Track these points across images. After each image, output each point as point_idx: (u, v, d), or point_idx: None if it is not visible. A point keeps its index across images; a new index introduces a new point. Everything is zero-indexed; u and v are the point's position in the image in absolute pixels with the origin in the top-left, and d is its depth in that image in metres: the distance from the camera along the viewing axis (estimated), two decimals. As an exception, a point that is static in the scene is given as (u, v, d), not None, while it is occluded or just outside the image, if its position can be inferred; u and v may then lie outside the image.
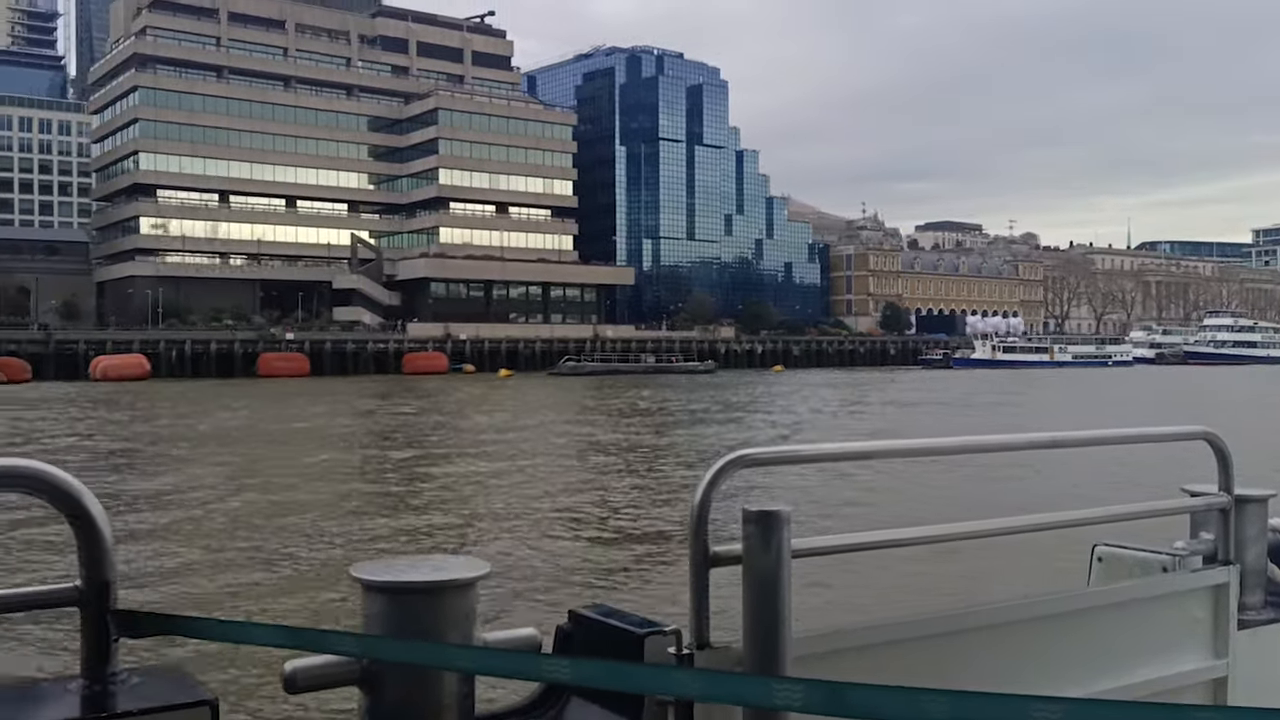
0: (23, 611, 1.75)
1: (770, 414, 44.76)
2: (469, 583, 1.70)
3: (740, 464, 2.27)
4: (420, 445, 30.28)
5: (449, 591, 1.67)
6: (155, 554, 14.33)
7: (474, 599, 1.72)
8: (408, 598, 1.66)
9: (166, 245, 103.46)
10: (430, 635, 1.64)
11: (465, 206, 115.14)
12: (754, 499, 3.01)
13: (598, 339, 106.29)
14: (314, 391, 61.18)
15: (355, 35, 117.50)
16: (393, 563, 1.75)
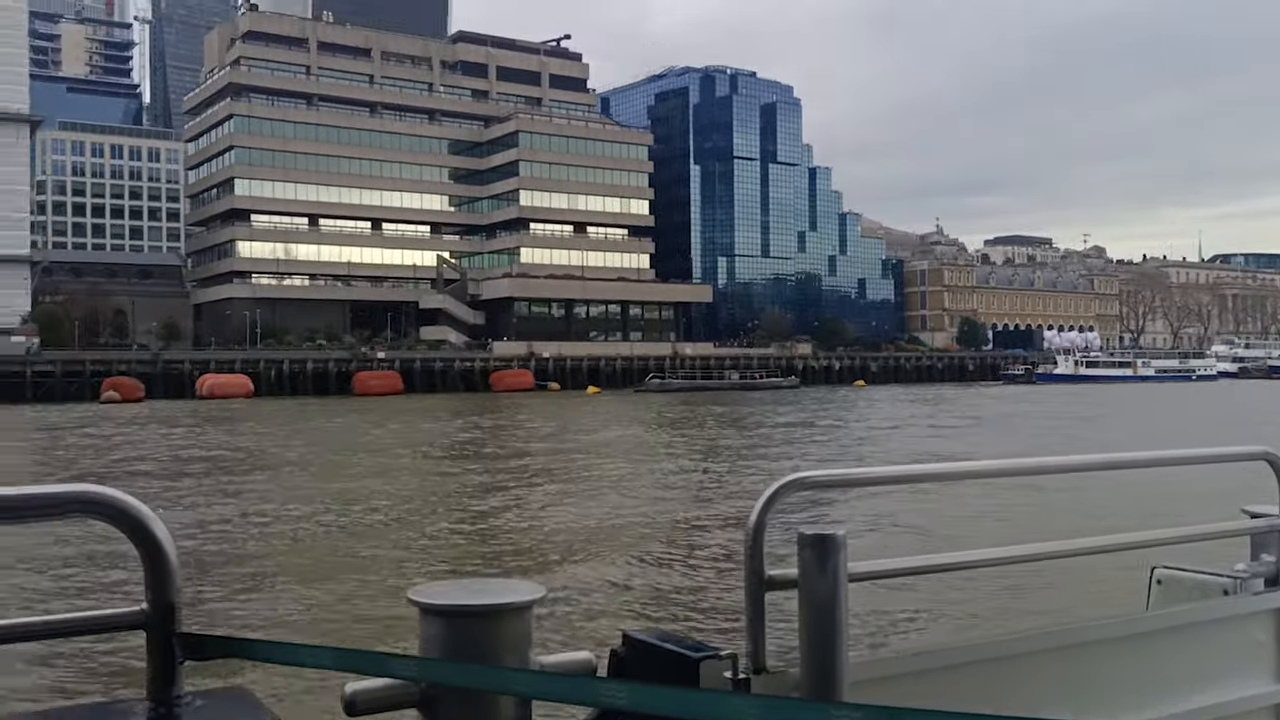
0: (91, 635, 1.81)
1: (879, 429, 45.16)
2: (525, 606, 1.71)
3: (796, 487, 2.31)
4: (564, 454, 31.36)
5: (505, 615, 1.69)
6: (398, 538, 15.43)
7: (530, 622, 1.72)
8: (464, 621, 1.68)
9: (261, 268, 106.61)
10: (486, 658, 1.65)
11: (544, 227, 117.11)
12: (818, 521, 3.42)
13: (676, 356, 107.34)
14: (421, 408, 62.79)
15: (437, 61, 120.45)
16: (449, 586, 1.77)
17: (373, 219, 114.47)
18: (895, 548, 14.84)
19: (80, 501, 1.68)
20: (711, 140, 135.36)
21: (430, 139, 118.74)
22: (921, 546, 15.27)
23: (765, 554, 2.22)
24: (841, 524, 2.33)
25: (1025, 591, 11.48)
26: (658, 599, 12.88)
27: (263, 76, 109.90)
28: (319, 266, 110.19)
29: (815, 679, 2.07)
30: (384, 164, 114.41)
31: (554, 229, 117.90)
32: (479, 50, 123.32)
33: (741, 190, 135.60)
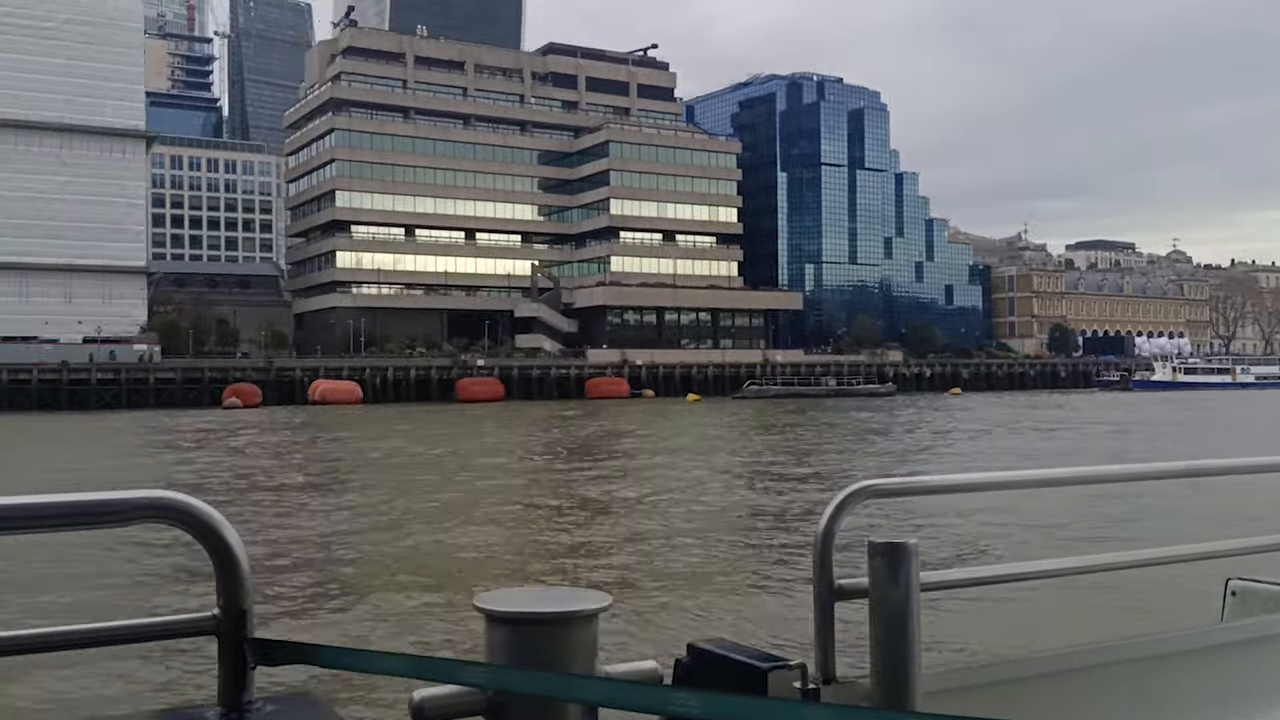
0: (163, 640, 1.83)
1: (991, 433, 45.06)
2: (592, 614, 1.71)
3: (864, 495, 2.31)
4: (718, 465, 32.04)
5: (573, 623, 1.69)
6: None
7: (596, 631, 1.73)
8: (531, 629, 1.69)
9: (360, 278, 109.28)
10: (553, 667, 1.66)
11: (634, 235, 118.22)
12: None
13: (767, 363, 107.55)
14: (539, 414, 63.92)
15: (528, 73, 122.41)
16: (516, 593, 1.79)
17: (466, 229, 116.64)
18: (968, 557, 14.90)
19: (153, 507, 1.70)
20: (798, 147, 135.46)
21: (522, 150, 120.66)
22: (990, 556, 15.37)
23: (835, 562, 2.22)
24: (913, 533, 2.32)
25: (1095, 601, 11.18)
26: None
27: (362, 91, 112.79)
28: (415, 276, 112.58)
29: (886, 689, 2.06)
30: (477, 175, 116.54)
31: (643, 237, 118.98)
32: (569, 61, 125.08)
33: (829, 197, 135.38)
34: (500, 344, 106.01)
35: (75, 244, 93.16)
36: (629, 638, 10.43)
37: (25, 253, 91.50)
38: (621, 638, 10.23)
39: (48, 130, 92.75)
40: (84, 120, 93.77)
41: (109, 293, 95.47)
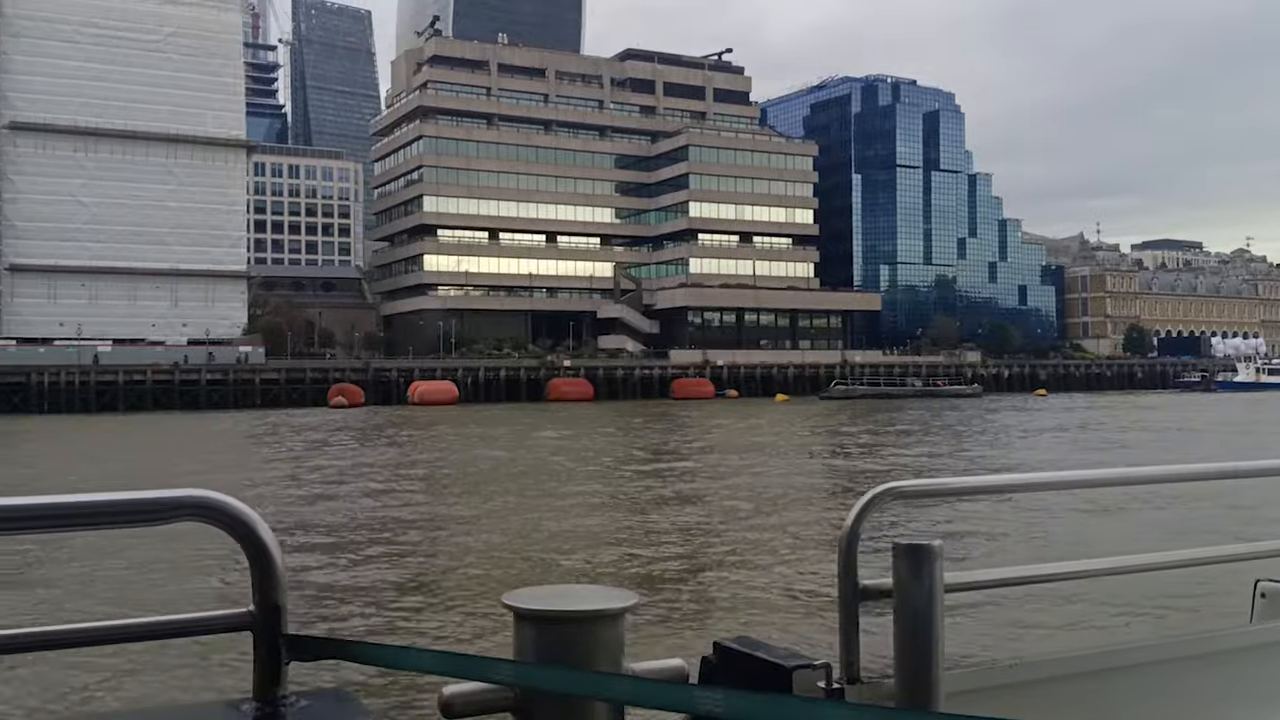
0: (199, 635, 1.87)
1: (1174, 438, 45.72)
2: (618, 613, 1.73)
3: (889, 497, 2.33)
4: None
5: (599, 621, 1.71)
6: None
7: (623, 629, 1.75)
8: (559, 627, 1.70)
9: (446, 280, 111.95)
10: (580, 664, 1.68)
11: (712, 237, 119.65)
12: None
13: (846, 364, 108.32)
14: (636, 415, 65.53)
15: (607, 78, 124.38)
16: (543, 591, 1.80)
17: (547, 232, 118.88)
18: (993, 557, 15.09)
19: (190, 506, 1.74)
20: (873, 149, 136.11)
21: (601, 154, 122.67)
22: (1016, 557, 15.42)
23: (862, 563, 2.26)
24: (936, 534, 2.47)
25: (1122, 602, 11.07)
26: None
27: (448, 99, 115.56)
28: (499, 278, 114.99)
29: (910, 690, 2.08)
30: (558, 179, 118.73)
31: (721, 239, 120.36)
32: (646, 67, 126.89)
33: (904, 198, 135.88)
34: (583, 344, 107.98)
35: (180, 249, 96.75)
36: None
37: (134, 258, 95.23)
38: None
39: (155, 140, 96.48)
40: (188, 130, 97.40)
41: (211, 296, 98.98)
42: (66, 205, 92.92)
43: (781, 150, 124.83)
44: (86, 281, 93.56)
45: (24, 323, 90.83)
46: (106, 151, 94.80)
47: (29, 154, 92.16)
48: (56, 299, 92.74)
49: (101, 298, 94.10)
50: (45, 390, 79.49)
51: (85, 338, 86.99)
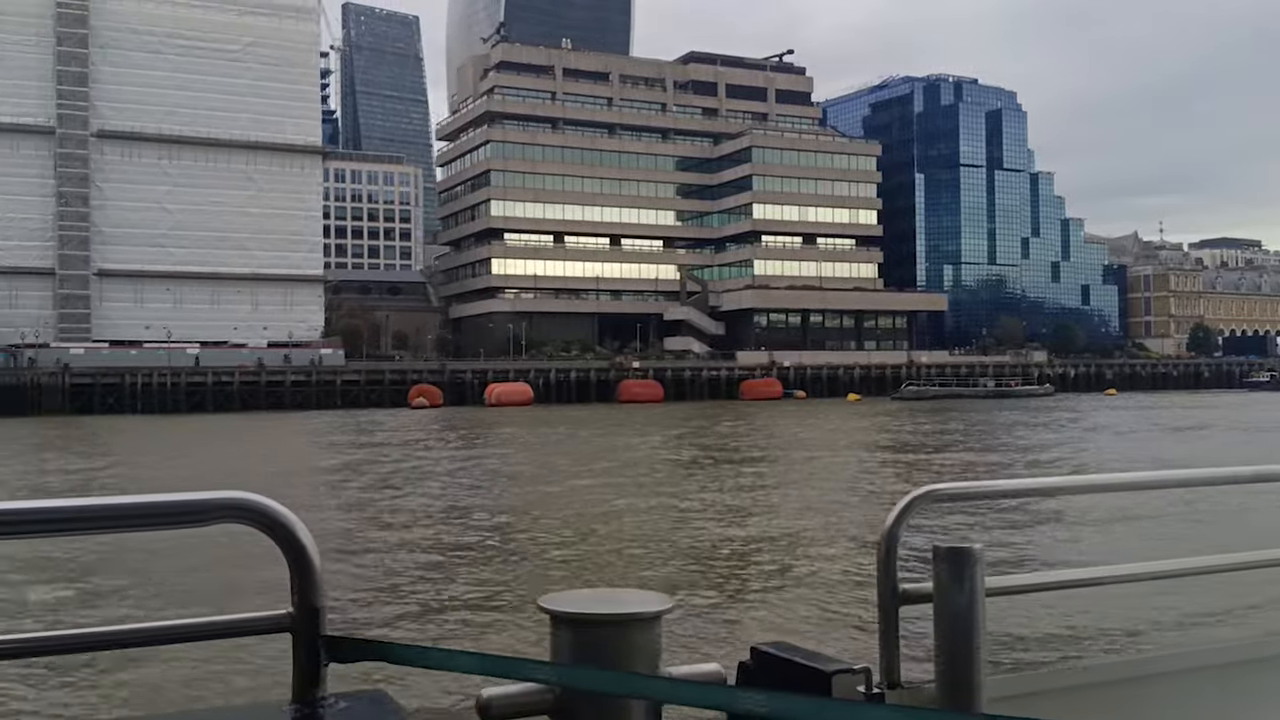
0: (239, 637, 1.87)
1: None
2: (654, 616, 1.73)
3: (928, 499, 2.32)
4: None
5: (636, 625, 1.71)
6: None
7: (659, 633, 1.74)
8: (596, 630, 1.70)
9: (512, 284, 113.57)
10: (617, 667, 1.67)
11: (775, 239, 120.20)
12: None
13: (912, 364, 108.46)
14: (715, 415, 66.43)
15: (670, 81, 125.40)
16: (579, 595, 1.80)
17: (611, 235, 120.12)
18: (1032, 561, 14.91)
19: (231, 508, 1.76)
20: (936, 148, 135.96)
21: (663, 157, 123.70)
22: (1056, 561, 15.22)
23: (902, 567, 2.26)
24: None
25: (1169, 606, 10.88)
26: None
27: (515, 104, 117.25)
28: (564, 281, 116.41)
29: (952, 694, 2.06)
30: (622, 182, 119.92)
31: (784, 241, 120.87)
32: (709, 69, 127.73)
33: (967, 198, 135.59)
34: (650, 347, 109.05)
35: (260, 254, 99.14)
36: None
37: (216, 263, 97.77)
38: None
39: (235, 148, 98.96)
40: (267, 137, 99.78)
41: (290, 300, 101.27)
42: (152, 212, 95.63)
43: (845, 150, 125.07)
44: (171, 286, 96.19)
45: (113, 326, 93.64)
46: (190, 159, 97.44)
47: (116, 162, 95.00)
48: (143, 303, 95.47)
49: (186, 302, 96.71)
50: (139, 391, 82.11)
51: (174, 340, 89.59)
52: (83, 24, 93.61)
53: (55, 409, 77.65)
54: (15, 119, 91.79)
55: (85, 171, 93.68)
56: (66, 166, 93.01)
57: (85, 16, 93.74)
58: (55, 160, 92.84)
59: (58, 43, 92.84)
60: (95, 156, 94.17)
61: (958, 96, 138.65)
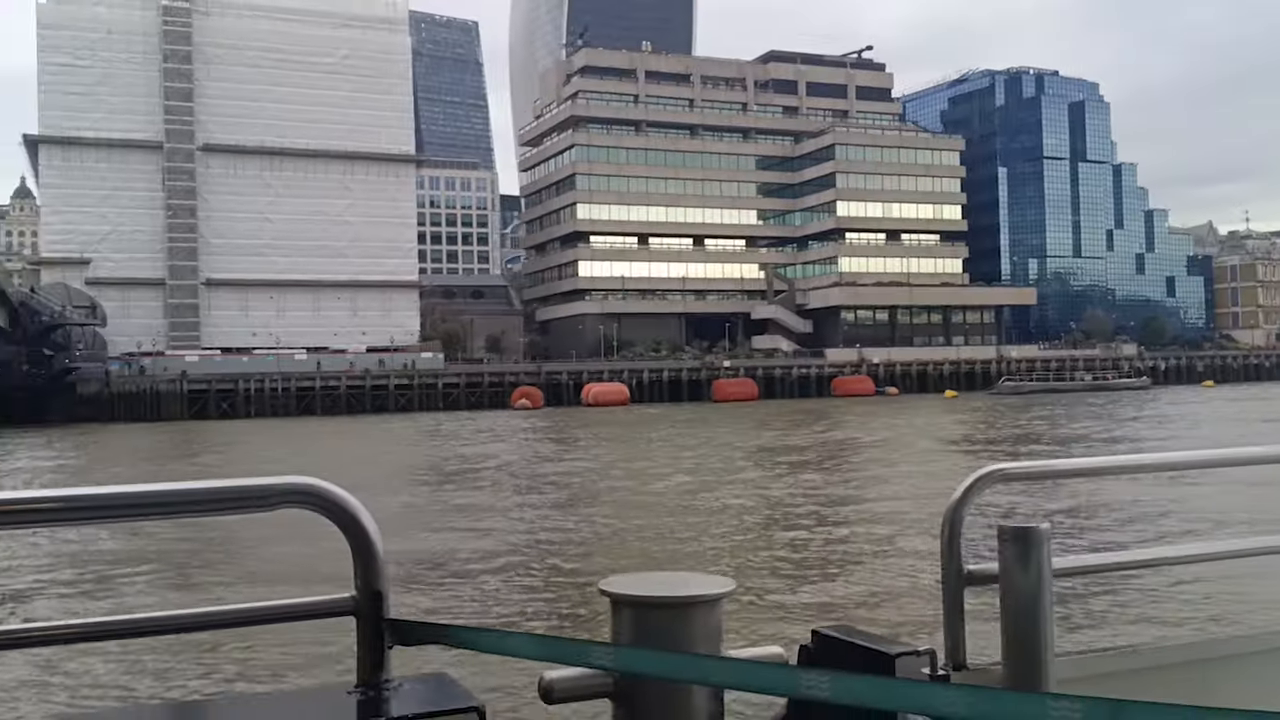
0: (304, 620, 1.90)
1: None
2: (716, 599, 1.73)
3: (993, 479, 2.29)
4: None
5: (698, 607, 1.71)
6: None
7: (721, 616, 1.74)
8: (657, 613, 1.71)
9: (599, 285, 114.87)
10: (678, 650, 1.67)
11: (859, 236, 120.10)
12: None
13: (1001, 359, 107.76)
14: (824, 411, 66.83)
15: (751, 81, 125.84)
16: (641, 578, 1.81)
17: (694, 235, 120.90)
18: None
19: (295, 493, 1.81)
20: (1018, 141, 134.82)
21: (745, 156, 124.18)
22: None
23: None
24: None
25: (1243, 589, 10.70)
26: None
27: (599, 107, 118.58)
28: (650, 282, 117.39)
29: (1018, 676, 2.05)
30: (705, 183, 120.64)
31: (869, 237, 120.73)
32: (789, 68, 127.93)
33: (1051, 190, 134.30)
34: (738, 346, 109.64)
35: (358, 261, 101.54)
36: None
37: (316, 271, 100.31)
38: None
39: (332, 158, 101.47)
40: (363, 147, 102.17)
41: (388, 305, 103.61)
42: (255, 222, 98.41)
43: (928, 146, 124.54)
44: (274, 294, 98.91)
45: (220, 333, 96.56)
46: (290, 170, 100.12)
47: (220, 175, 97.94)
48: (248, 311, 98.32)
49: (288, 309, 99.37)
50: (251, 396, 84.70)
51: (283, 347, 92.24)
52: (186, 41, 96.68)
53: (174, 415, 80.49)
54: (126, 134, 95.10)
55: (192, 184, 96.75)
56: (174, 180, 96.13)
57: (189, 34, 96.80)
58: (164, 174, 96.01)
59: (164, 60, 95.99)
60: (201, 170, 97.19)
61: (1039, 89, 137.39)
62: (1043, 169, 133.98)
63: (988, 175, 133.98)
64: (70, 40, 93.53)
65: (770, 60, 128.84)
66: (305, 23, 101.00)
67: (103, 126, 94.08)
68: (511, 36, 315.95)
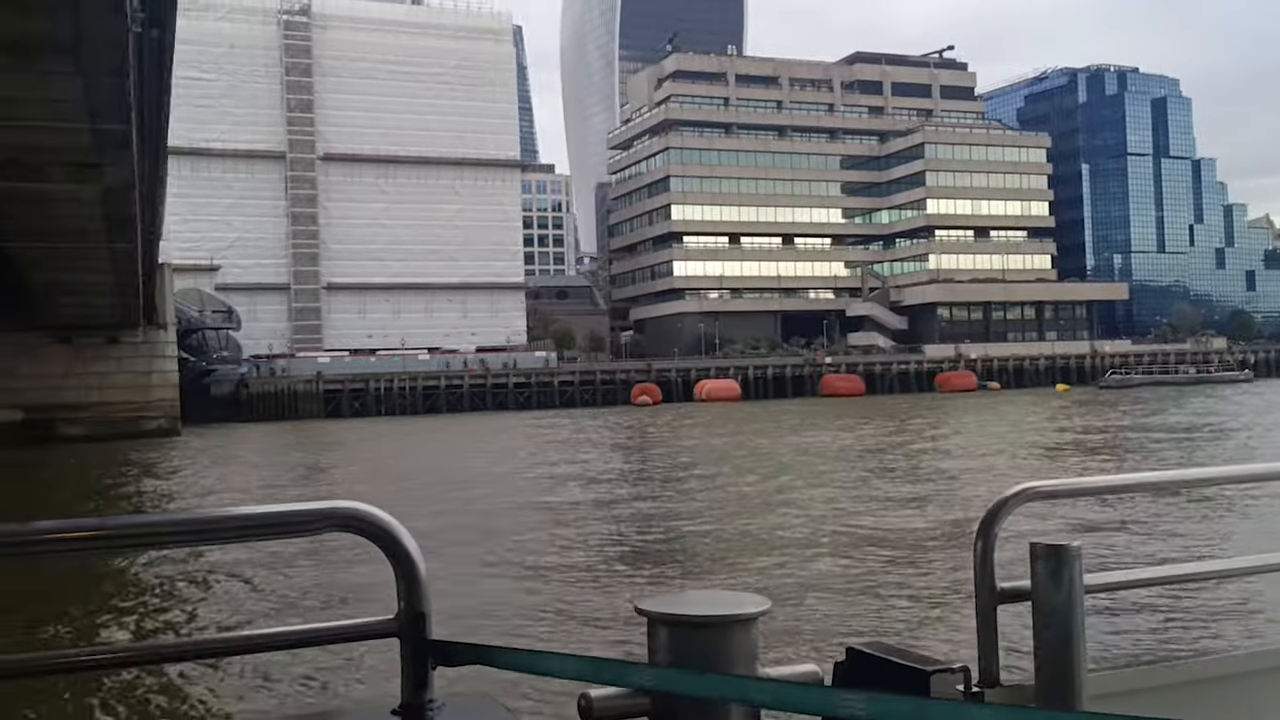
0: (349, 642, 1.90)
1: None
2: (752, 618, 1.72)
3: (1025, 498, 2.32)
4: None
5: (734, 626, 1.70)
6: None
7: (757, 634, 1.73)
8: (694, 632, 1.70)
9: (697, 284, 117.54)
10: (714, 669, 1.66)
11: (949, 233, 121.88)
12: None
13: (1095, 354, 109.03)
14: (938, 405, 68.74)
15: (837, 82, 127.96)
16: (676, 596, 1.81)
17: (783, 234, 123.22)
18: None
19: (339, 517, 1.82)
20: (1101, 138, 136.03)
21: (832, 156, 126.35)
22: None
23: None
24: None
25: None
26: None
27: (691, 111, 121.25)
28: (742, 280, 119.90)
29: (1052, 693, 2.04)
30: (793, 183, 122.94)
31: (958, 234, 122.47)
32: (874, 69, 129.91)
33: (1135, 186, 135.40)
34: (833, 342, 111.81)
35: (468, 264, 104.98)
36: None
37: (429, 274, 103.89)
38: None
39: (444, 164, 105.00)
40: (471, 154, 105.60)
41: (495, 306, 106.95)
42: (371, 227, 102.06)
43: (1015, 143, 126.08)
44: (389, 296, 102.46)
45: (340, 336, 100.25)
46: (403, 177, 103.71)
47: (339, 182, 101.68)
48: (365, 313, 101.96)
49: (403, 311, 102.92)
50: (381, 395, 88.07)
51: (407, 347, 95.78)
52: (306, 54, 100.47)
53: (310, 414, 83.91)
54: (250, 145, 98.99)
55: (313, 192, 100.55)
56: (297, 188, 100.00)
57: (308, 47, 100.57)
58: (286, 183, 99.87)
59: (285, 73, 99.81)
60: (321, 178, 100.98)
61: (1122, 86, 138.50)
62: (1126, 165, 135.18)
63: (1070, 172, 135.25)
64: (196, 55, 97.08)
65: (856, 61, 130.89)
66: (416, 35, 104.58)
67: (229, 138, 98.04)
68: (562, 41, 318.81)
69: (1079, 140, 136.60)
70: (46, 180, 32.41)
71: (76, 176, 32.40)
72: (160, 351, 56.11)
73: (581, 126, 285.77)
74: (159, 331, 55.87)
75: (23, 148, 29.82)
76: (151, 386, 55.09)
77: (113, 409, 53.37)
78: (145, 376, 54.99)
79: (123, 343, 54.20)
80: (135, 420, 53.74)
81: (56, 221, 36.86)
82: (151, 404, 54.97)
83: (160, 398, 55.44)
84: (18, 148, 29.77)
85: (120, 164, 31.85)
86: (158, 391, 55.47)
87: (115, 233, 40.64)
